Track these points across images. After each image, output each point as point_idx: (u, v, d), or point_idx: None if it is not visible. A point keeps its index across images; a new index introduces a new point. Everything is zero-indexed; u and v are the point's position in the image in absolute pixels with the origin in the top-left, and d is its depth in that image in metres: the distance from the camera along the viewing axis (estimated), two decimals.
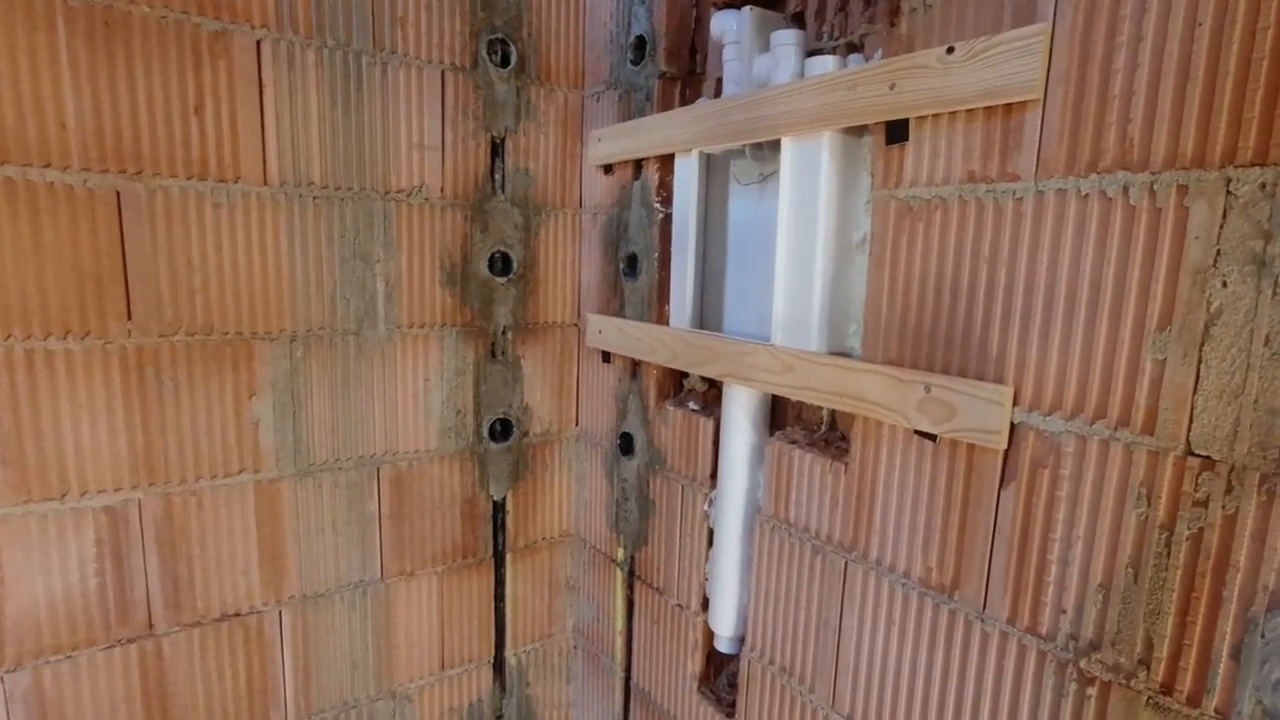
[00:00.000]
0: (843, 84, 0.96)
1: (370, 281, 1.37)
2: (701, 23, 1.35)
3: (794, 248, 1.08)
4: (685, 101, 1.39)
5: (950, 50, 0.83)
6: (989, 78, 0.80)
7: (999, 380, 0.84)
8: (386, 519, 1.45)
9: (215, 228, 1.20)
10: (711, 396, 1.42)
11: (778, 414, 1.25)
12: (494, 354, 1.55)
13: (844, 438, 1.14)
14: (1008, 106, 0.81)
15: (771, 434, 1.23)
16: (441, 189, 1.42)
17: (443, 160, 1.41)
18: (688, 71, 1.38)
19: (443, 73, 1.38)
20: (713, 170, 1.28)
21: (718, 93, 1.34)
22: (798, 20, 1.16)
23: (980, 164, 0.84)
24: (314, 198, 1.28)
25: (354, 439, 1.40)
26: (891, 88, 0.90)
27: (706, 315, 1.31)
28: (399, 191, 1.37)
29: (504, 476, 1.60)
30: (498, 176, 1.49)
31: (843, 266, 1.07)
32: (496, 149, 1.49)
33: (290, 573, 1.35)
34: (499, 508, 1.61)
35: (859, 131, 1.04)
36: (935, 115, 0.88)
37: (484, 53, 1.42)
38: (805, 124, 1.03)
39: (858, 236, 1.06)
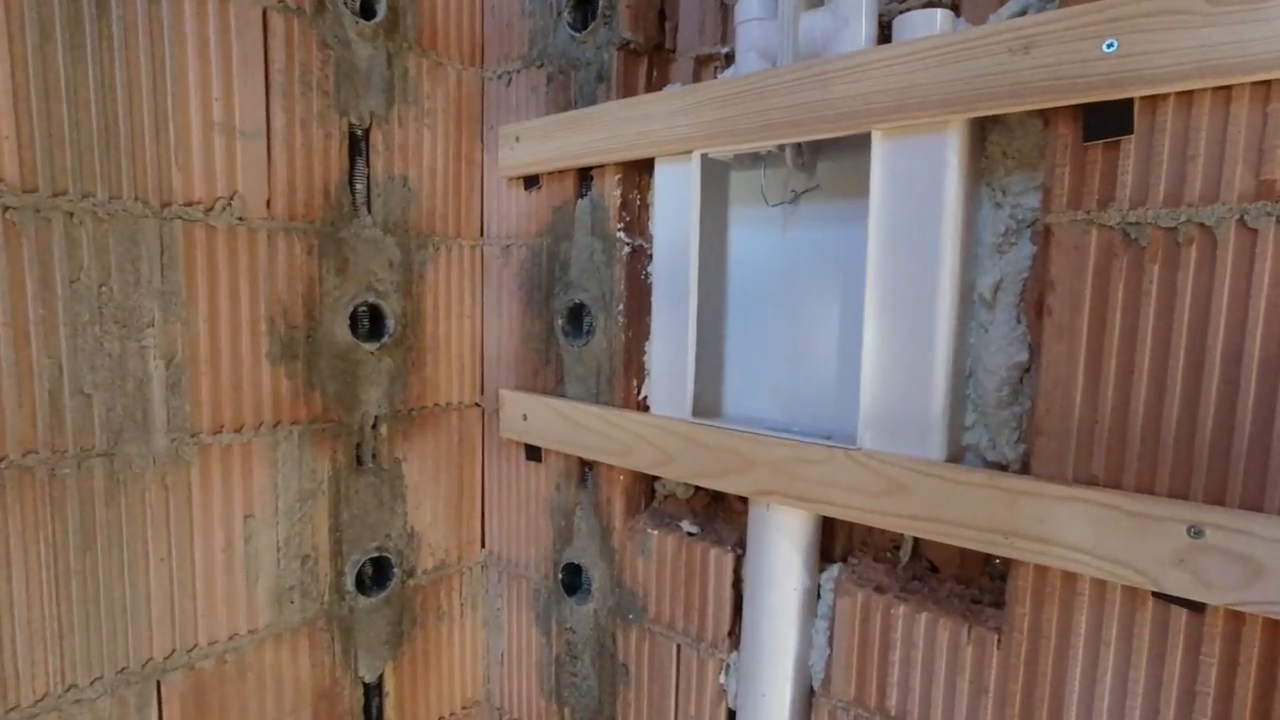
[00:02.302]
0: (1001, 45, 0.60)
1: (137, 360, 0.77)
2: None
3: (893, 303, 0.70)
4: (652, 89, 0.97)
5: None
6: None
7: None
8: None
9: None
10: (707, 509, 0.99)
11: (824, 534, 0.86)
12: (360, 460, 1.00)
13: (961, 581, 0.78)
14: None
15: (823, 566, 0.84)
16: (268, 203, 0.86)
17: (269, 155, 0.86)
18: (654, 46, 0.96)
19: (265, 11, 0.84)
20: (706, 185, 0.87)
21: (697, 77, 0.94)
22: None
23: None
24: (4, 210, 0.68)
25: (108, 642, 0.78)
26: (1110, 48, 0.56)
27: (698, 395, 0.89)
28: (190, 204, 0.80)
29: (380, 644, 1.04)
30: (360, 187, 0.96)
31: (960, 330, 0.71)
32: (357, 144, 0.96)
33: None
34: (373, 693, 1.05)
35: (982, 122, 0.70)
36: (1190, 93, 0.55)
37: None
38: (917, 110, 0.66)
39: (986, 284, 0.71)
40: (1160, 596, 0.58)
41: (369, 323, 1.00)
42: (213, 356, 0.83)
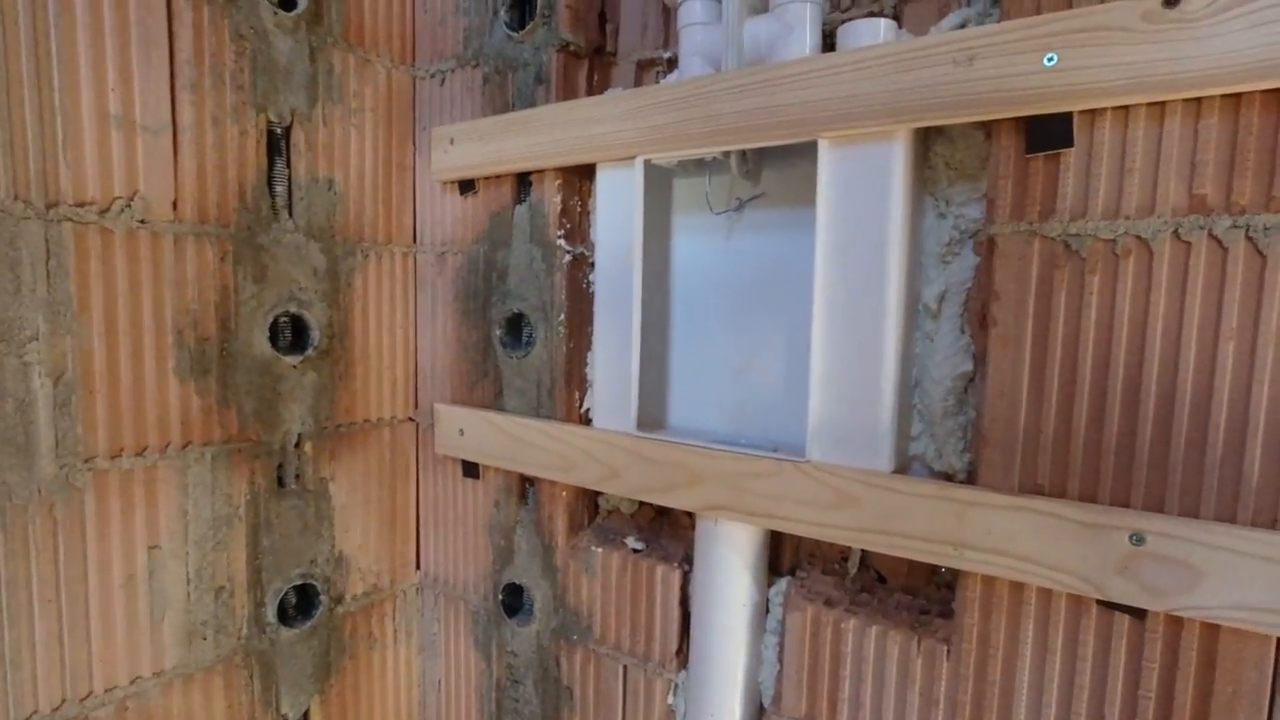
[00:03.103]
0: (946, 55, 0.60)
1: (17, 378, 0.69)
2: None
3: (840, 313, 0.69)
4: (593, 93, 0.94)
5: (1172, 2, 0.52)
6: (1256, 46, 0.49)
7: (1264, 523, 0.53)
8: None
9: None
10: (653, 525, 0.97)
11: (772, 548, 0.84)
12: (282, 482, 0.93)
13: (908, 592, 0.77)
14: (1278, 94, 0.51)
15: (772, 580, 0.82)
16: (174, 204, 0.79)
17: (175, 153, 0.78)
18: (595, 48, 0.93)
19: None
20: (648, 192, 0.84)
21: (638, 81, 0.92)
22: None
23: (1218, 185, 0.53)
24: None
25: None
26: (1050, 62, 0.56)
27: (642, 408, 0.86)
28: (82, 205, 0.72)
29: (305, 678, 0.97)
30: (280, 190, 0.89)
31: (906, 341, 0.70)
32: (276, 144, 0.89)
33: None
34: None
35: (924, 136, 0.70)
36: (1127, 109, 0.55)
37: None
38: (862, 119, 0.65)
39: (931, 294, 0.71)
40: (1104, 604, 0.59)
41: (291, 334, 0.94)
42: (110, 373, 0.75)
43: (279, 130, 0.89)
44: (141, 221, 0.76)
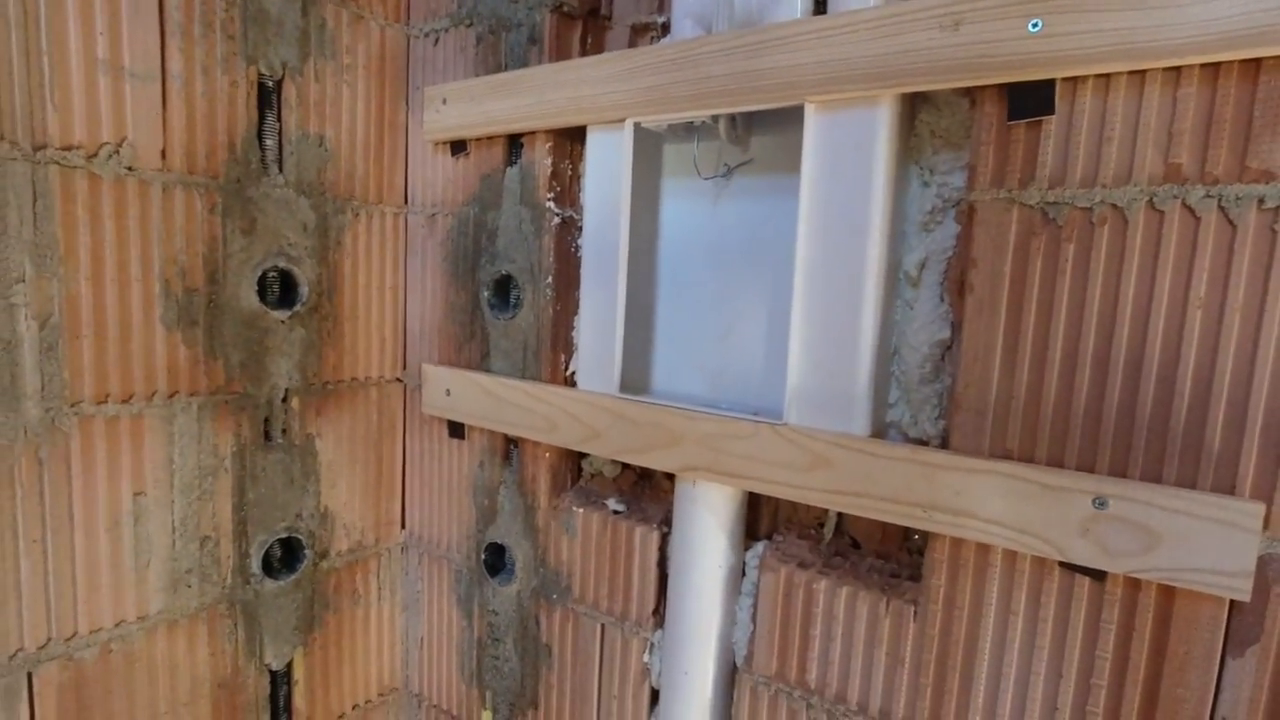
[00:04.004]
0: (932, 20, 0.60)
1: (3, 320, 0.69)
2: None
3: (821, 279, 0.70)
4: (586, 54, 0.94)
5: None
6: (1236, 14, 0.50)
7: (1224, 490, 0.54)
8: None
9: None
10: (635, 487, 0.98)
11: (750, 512, 0.86)
12: (269, 436, 0.94)
13: (881, 556, 0.79)
14: (1257, 64, 0.51)
15: (749, 543, 0.84)
16: (163, 153, 0.79)
17: (164, 101, 0.78)
18: (590, 10, 0.93)
19: None
20: (638, 156, 0.84)
21: (633, 46, 0.92)
22: None
23: (1194, 154, 0.53)
24: None
25: None
26: (1035, 28, 0.56)
27: (626, 371, 0.87)
28: (68, 149, 0.72)
29: (288, 629, 0.99)
30: (270, 144, 0.89)
31: (885, 308, 0.71)
32: (267, 97, 0.89)
33: None
34: (280, 681, 0.99)
35: (912, 101, 0.70)
36: (1109, 76, 0.56)
37: None
38: (849, 83, 0.65)
39: (911, 262, 0.71)
40: (1066, 566, 0.60)
41: (280, 289, 0.94)
42: (96, 319, 0.75)
43: (270, 83, 0.88)
44: (129, 168, 0.76)
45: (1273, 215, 0.51)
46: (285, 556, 0.99)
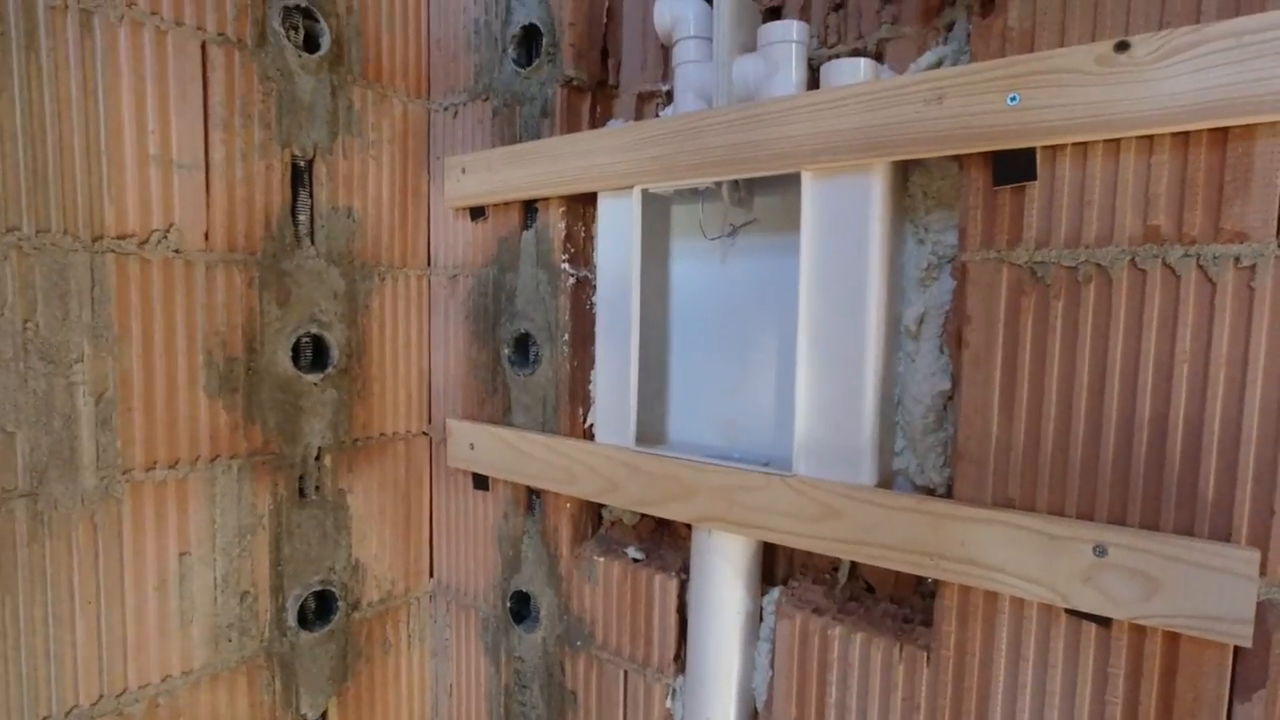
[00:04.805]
0: (917, 95, 0.64)
1: (64, 397, 0.75)
2: (615, 16, 0.98)
3: (824, 335, 0.73)
4: (596, 123, 0.99)
5: (1123, 46, 0.55)
6: (1199, 89, 0.53)
7: (1220, 537, 0.55)
8: None
9: None
10: (653, 535, 1.01)
11: (766, 558, 0.88)
12: (303, 492, 0.98)
13: (895, 601, 0.80)
14: (1224, 132, 0.54)
15: (765, 589, 0.86)
16: (206, 235, 0.85)
17: (208, 188, 0.85)
18: (597, 82, 0.99)
19: (204, 44, 0.83)
20: (646, 218, 0.89)
21: (639, 113, 0.97)
22: (773, 15, 0.84)
23: (1171, 216, 0.56)
24: None
25: (28, 691, 0.75)
26: (1013, 101, 0.60)
27: (641, 424, 0.90)
28: (123, 237, 0.78)
29: (323, 679, 1.02)
30: (303, 219, 0.96)
31: (887, 361, 0.74)
32: (300, 176, 0.95)
33: None
34: None
35: (904, 165, 0.74)
36: (1085, 144, 0.59)
37: (276, 24, 0.90)
38: (841, 152, 0.69)
39: (911, 316, 0.74)
40: (1072, 613, 0.62)
41: (312, 353, 0.99)
42: (146, 391, 0.81)
43: (302, 163, 0.95)
44: (176, 251, 0.82)
45: (1249, 273, 0.54)
46: (319, 608, 1.03)
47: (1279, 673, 0.54)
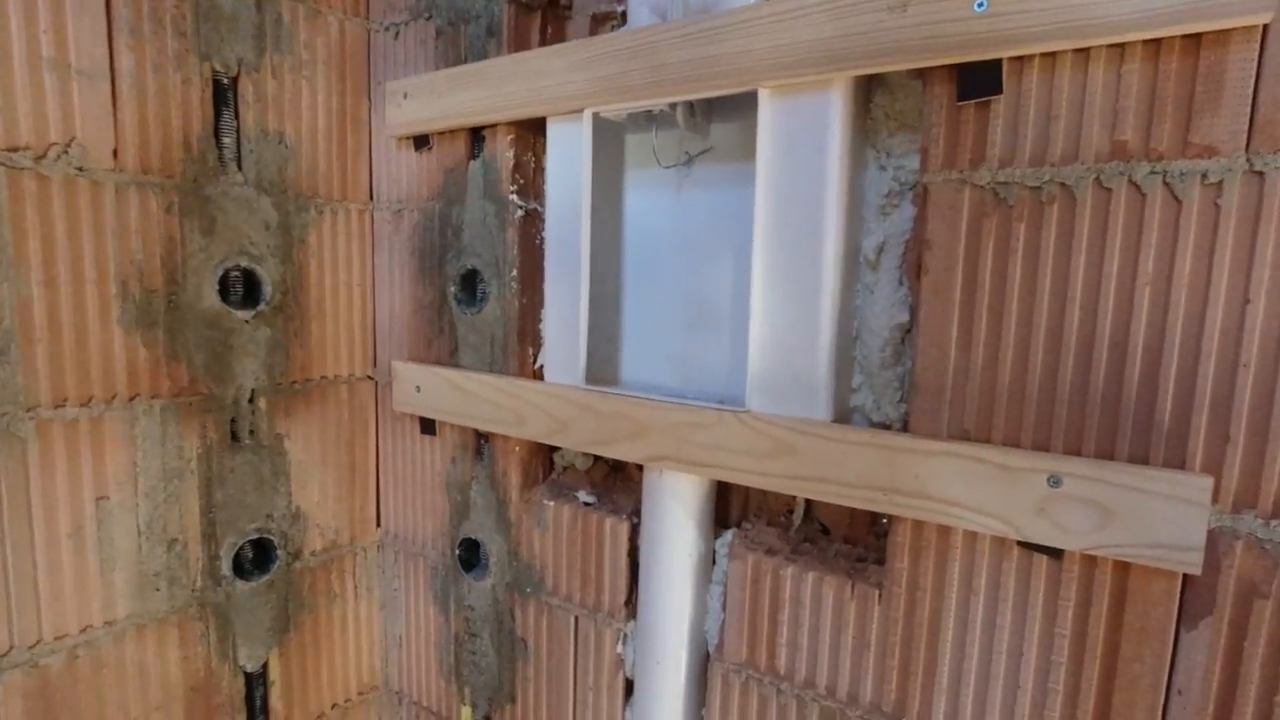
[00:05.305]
0: (879, 1, 0.60)
1: None
2: None
3: (780, 265, 0.70)
4: (546, 45, 0.93)
5: None
6: None
7: (1175, 465, 0.54)
8: None
9: None
10: (606, 480, 0.98)
11: (720, 501, 0.86)
12: (236, 436, 0.93)
13: (849, 541, 0.79)
14: (1195, 39, 0.51)
15: (719, 532, 0.84)
16: (115, 152, 0.78)
17: (114, 100, 0.77)
18: (548, 1, 0.92)
19: None
20: (598, 146, 0.84)
21: (594, 34, 0.91)
22: None
23: (1139, 131, 0.54)
24: None
25: None
26: (980, 7, 0.56)
27: (592, 362, 0.86)
28: (14, 150, 0.71)
29: (263, 630, 0.98)
30: (228, 142, 0.88)
31: (845, 293, 0.71)
32: (223, 95, 0.88)
33: None
34: (256, 682, 0.99)
35: (867, 85, 0.70)
36: (1054, 54, 0.56)
37: None
38: (801, 67, 0.65)
39: (870, 246, 0.71)
40: (1024, 545, 0.60)
41: (243, 289, 0.93)
42: (50, 322, 0.75)
43: (225, 80, 0.87)
44: (80, 169, 0.75)
45: (1216, 190, 0.51)
46: (257, 558, 0.99)
47: (1226, 599, 0.53)
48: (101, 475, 0.80)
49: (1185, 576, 0.55)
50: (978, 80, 0.58)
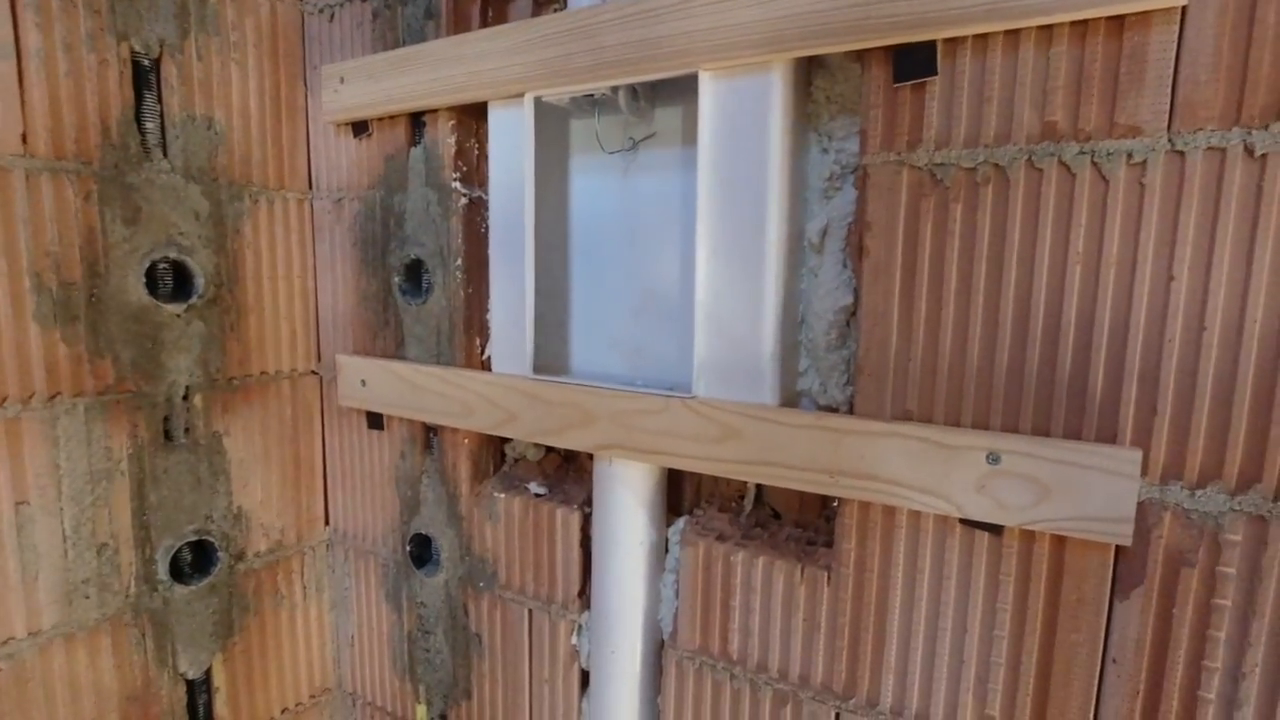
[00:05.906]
0: None
1: None
2: None
3: (724, 249, 0.69)
4: (488, 25, 0.91)
5: None
6: None
7: (1106, 439, 0.55)
8: None
9: None
10: (558, 470, 0.97)
11: (672, 488, 0.85)
12: (170, 435, 0.89)
13: (800, 526, 0.79)
14: (1119, 21, 0.52)
15: (671, 520, 0.83)
16: (24, 137, 0.73)
17: (21, 80, 0.73)
18: None
19: None
20: (541, 131, 0.82)
21: (537, 14, 0.89)
22: None
23: (1068, 112, 0.54)
24: None
25: None
26: None
27: (540, 351, 0.85)
28: None
29: (204, 636, 0.95)
30: (151, 126, 0.84)
31: (790, 276, 0.71)
32: (145, 77, 0.84)
33: None
34: (199, 689, 0.95)
35: (807, 68, 0.70)
36: (986, 35, 0.56)
37: None
38: (741, 49, 0.64)
39: (814, 229, 0.71)
40: (966, 522, 0.61)
41: (173, 281, 0.89)
42: None
43: (146, 62, 0.83)
44: None
45: (1140, 170, 0.52)
46: (197, 560, 0.95)
47: (1156, 569, 0.55)
48: (20, 478, 0.76)
49: (1117, 548, 0.56)
50: (913, 62, 0.59)
